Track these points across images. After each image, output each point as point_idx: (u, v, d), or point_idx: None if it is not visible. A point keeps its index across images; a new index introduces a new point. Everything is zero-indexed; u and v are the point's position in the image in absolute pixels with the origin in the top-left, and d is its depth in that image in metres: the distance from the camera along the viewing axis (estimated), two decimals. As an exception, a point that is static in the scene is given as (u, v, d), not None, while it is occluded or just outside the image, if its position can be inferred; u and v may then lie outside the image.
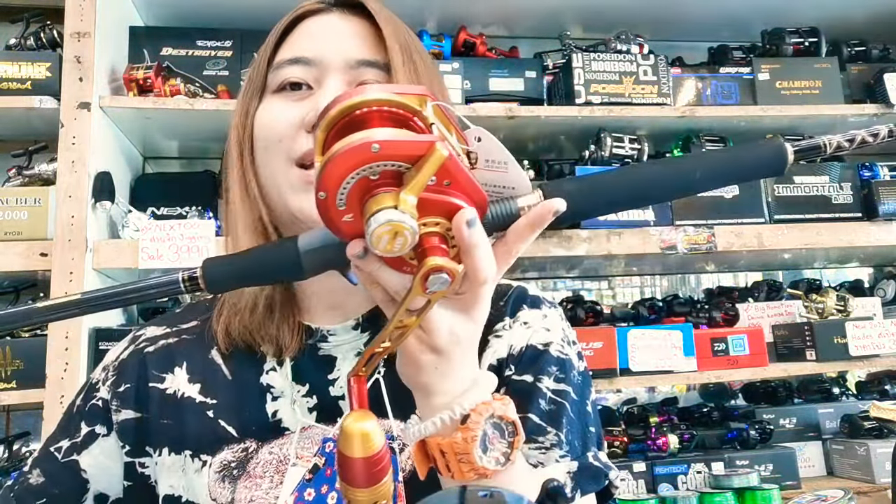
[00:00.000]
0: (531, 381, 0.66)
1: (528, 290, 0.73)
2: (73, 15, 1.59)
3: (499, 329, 0.69)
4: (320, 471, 0.63)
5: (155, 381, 0.70)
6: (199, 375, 0.69)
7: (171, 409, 0.68)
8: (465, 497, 0.43)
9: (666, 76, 1.84)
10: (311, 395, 0.67)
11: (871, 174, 1.94)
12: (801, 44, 2.00)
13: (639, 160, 1.82)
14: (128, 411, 0.69)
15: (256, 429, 0.66)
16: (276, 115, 0.64)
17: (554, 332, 0.70)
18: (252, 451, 0.65)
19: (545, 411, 0.64)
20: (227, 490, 0.64)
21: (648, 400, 2.20)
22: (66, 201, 1.52)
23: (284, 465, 0.64)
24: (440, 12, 2.00)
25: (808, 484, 1.78)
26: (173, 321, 0.75)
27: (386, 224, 0.40)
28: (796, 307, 2.01)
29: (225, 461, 0.65)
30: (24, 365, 1.52)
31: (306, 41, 0.66)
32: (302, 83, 0.65)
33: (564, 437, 0.64)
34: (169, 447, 0.67)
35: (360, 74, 0.64)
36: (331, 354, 0.68)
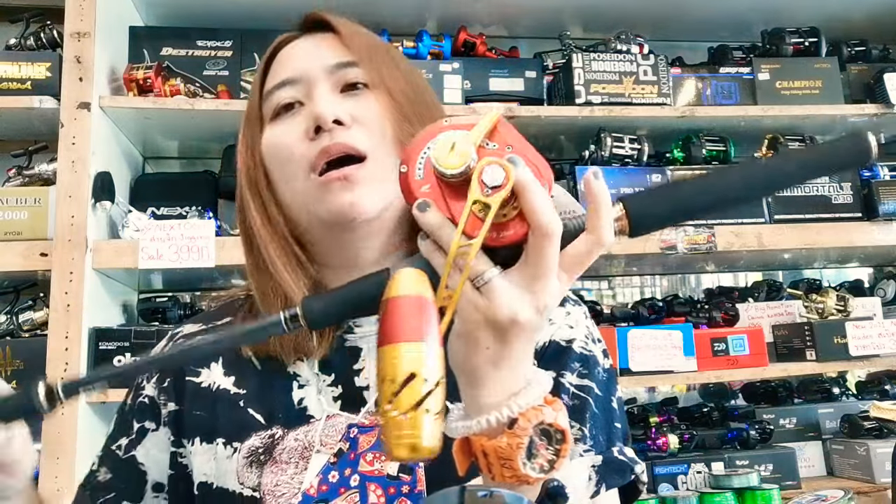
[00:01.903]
0: (554, 377, 0.64)
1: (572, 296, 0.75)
2: (73, 15, 1.59)
3: None
4: (344, 454, 0.65)
5: (191, 375, 0.73)
6: (233, 368, 0.72)
7: (205, 401, 0.71)
8: (464, 497, 0.43)
9: (666, 76, 1.84)
10: (336, 384, 0.69)
11: (871, 174, 1.94)
12: (801, 44, 2.00)
13: (639, 160, 1.82)
14: (171, 404, 0.73)
15: (283, 416, 0.68)
16: (282, 138, 0.68)
17: (578, 329, 0.71)
18: (278, 438, 0.67)
19: (568, 406, 0.65)
20: (254, 475, 0.66)
21: (648, 400, 2.20)
22: (66, 201, 1.52)
23: (309, 451, 0.66)
24: (440, 12, 2.00)
25: (808, 484, 1.78)
26: (209, 319, 0.78)
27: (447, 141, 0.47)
28: (796, 307, 2.01)
29: (252, 447, 0.67)
30: (24, 365, 1.52)
31: (286, 65, 0.71)
32: (294, 102, 0.69)
33: (588, 432, 0.65)
34: (201, 437, 0.70)
35: (343, 76, 0.69)
36: (356, 346, 0.70)
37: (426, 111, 0.70)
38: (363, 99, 0.68)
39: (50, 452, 1.43)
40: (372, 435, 0.66)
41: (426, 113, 0.70)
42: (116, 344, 1.54)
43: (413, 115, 0.68)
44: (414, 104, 0.69)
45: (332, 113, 0.65)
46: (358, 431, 0.66)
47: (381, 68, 0.69)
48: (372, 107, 0.67)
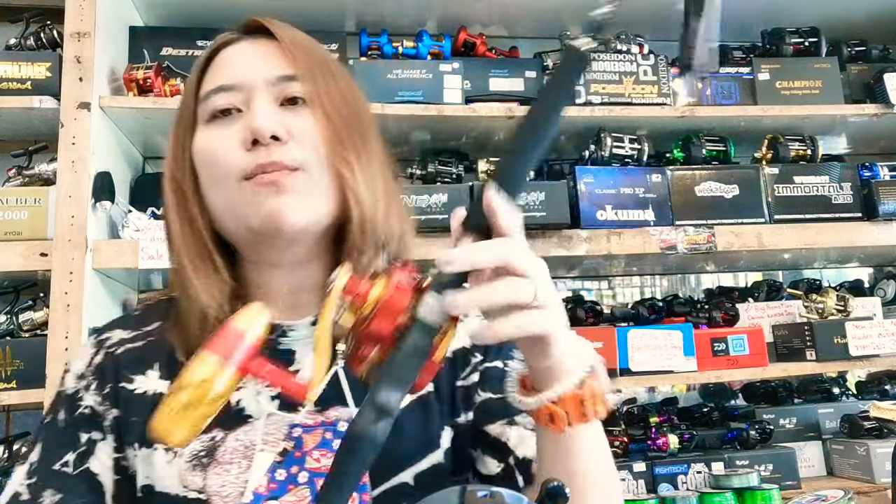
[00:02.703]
0: (502, 367, 0.74)
1: None
2: (73, 15, 1.59)
3: None
4: (290, 453, 0.67)
5: (125, 382, 0.73)
6: (169, 373, 0.72)
7: (142, 407, 0.71)
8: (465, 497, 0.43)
9: (666, 76, 1.85)
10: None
11: (871, 174, 1.94)
12: (801, 44, 2.00)
13: (639, 160, 1.82)
14: (114, 410, 0.72)
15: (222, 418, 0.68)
16: (216, 143, 0.68)
17: None
18: (219, 440, 0.68)
19: None
20: (198, 477, 0.67)
21: (648, 400, 2.20)
22: (66, 201, 1.52)
23: (251, 450, 0.68)
24: (440, 12, 2.00)
25: (808, 484, 1.78)
26: (136, 324, 0.77)
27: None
28: (796, 307, 2.01)
29: (194, 451, 0.68)
30: (24, 365, 1.52)
31: (226, 69, 0.71)
32: (231, 108, 0.69)
33: None
34: (139, 442, 0.70)
35: (283, 89, 0.69)
36: (290, 348, 0.73)
37: (360, 126, 0.72)
38: (300, 114, 0.69)
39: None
40: (316, 434, 0.68)
41: (360, 128, 0.71)
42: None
43: (347, 131, 0.70)
44: (348, 121, 0.70)
45: (270, 129, 0.65)
46: (302, 431, 0.68)
47: (320, 84, 0.69)
48: (308, 123, 0.68)
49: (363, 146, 0.71)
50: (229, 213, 0.69)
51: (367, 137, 0.72)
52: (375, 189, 0.70)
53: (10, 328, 1.63)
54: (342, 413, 0.69)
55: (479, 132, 1.88)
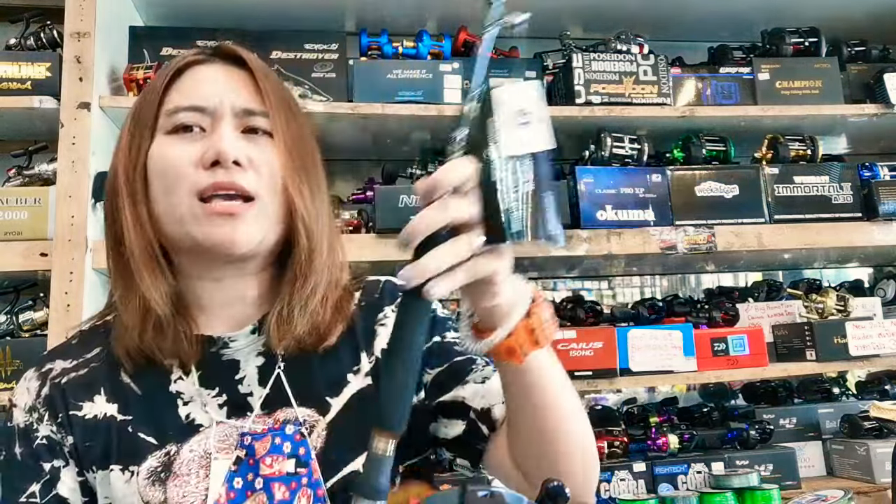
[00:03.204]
0: (440, 341, 0.80)
1: (392, 280, 0.85)
2: (73, 15, 1.59)
3: (382, 318, 0.81)
4: (243, 461, 0.71)
5: (74, 409, 0.75)
6: (115, 396, 0.75)
7: (93, 431, 0.74)
8: (465, 497, 0.43)
9: (666, 76, 1.84)
10: (220, 395, 0.75)
11: (871, 174, 1.93)
12: (801, 44, 2.00)
13: (639, 160, 1.82)
14: (69, 437, 0.75)
15: (173, 433, 0.73)
16: (176, 155, 0.72)
17: None
18: (174, 454, 0.72)
19: (461, 352, 0.79)
20: (158, 491, 0.70)
21: (648, 400, 2.20)
22: (66, 201, 1.52)
23: (207, 459, 0.71)
24: (440, 12, 2.00)
25: (808, 484, 1.78)
26: (78, 352, 0.79)
27: None
28: (796, 307, 2.01)
29: (151, 467, 0.71)
30: (24, 365, 1.52)
31: (196, 89, 0.75)
32: (194, 126, 0.73)
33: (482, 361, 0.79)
34: (96, 465, 0.73)
35: (247, 121, 0.74)
36: (234, 358, 0.76)
37: (313, 161, 0.78)
38: (260, 144, 0.73)
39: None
40: (266, 441, 0.72)
41: (312, 163, 0.78)
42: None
43: (302, 165, 0.75)
44: (303, 155, 0.76)
45: (233, 154, 0.70)
46: (252, 439, 0.72)
47: (281, 120, 0.74)
48: (267, 154, 0.73)
49: (314, 179, 0.77)
50: (177, 225, 0.72)
51: (317, 171, 0.78)
52: (322, 219, 0.76)
53: (10, 328, 1.63)
54: (289, 414, 0.74)
55: (479, 132, 1.88)
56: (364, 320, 0.80)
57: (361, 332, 0.80)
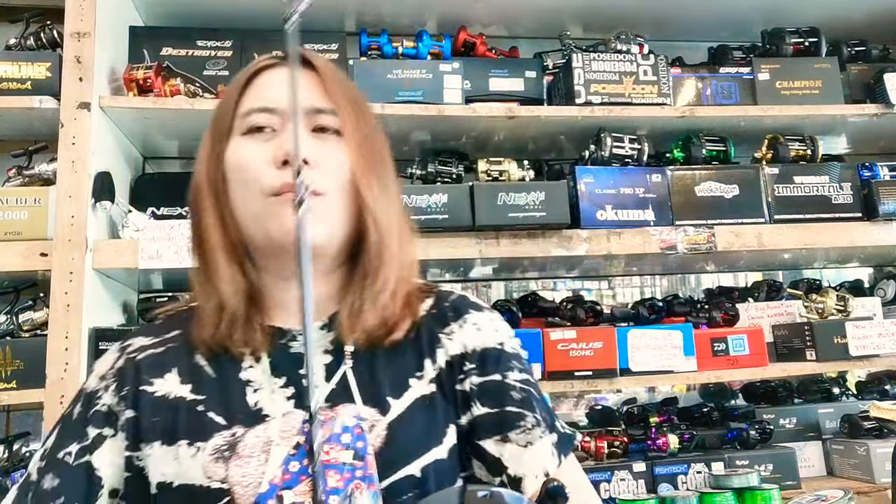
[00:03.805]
0: (500, 379, 0.79)
1: (469, 297, 0.86)
2: (73, 15, 1.59)
3: (448, 331, 0.81)
4: (302, 447, 0.73)
5: (145, 385, 0.79)
6: (189, 377, 0.78)
7: (161, 408, 0.77)
8: (465, 497, 0.43)
9: (666, 76, 1.84)
10: (287, 385, 0.77)
11: (871, 174, 1.94)
12: (801, 44, 2.00)
13: (639, 160, 1.82)
14: (129, 411, 0.78)
15: (242, 417, 0.75)
16: (249, 155, 0.76)
17: (502, 333, 0.83)
18: (239, 436, 0.74)
19: (518, 400, 0.78)
20: (220, 469, 0.72)
21: (648, 400, 2.20)
22: (66, 201, 1.52)
23: (269, 445, 0.73)
24: (440, 12, 2.00)
25: (808, 484, 1.78)
26: (158, 332, 0.84)
27: None
28: (796, 307, 2.01)
29: (217, 445, 0.73)
30: (24, 365, 1.52)
31: (268, 91, 0.78)
32: (267, 127, 0.77)
33: (539, 416, 0.77)
34: (161, 440, 0.75)
35: (316, 120, 0.77)
36: (301, 352, 0.78)
37: (381, 158, 0.80)
38: (329, 143, 0.76)
39: (50, 452, 1.43)
40: (325, 428, 0.73)
41: (381, 160, 0.80)
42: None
43: (370, 162, 0.77)
44: (371, 153, 0.78)
45: (303, 153, 0.71)
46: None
47: (350, 119, 0.77)
48: (335, 152, 0.76)
49: (383, 176, 0.79)
50: (253, 222, 0.75)
51: (386, 168, 0.81)
52: (391, 216, 0.78)
53: (10, 328, 1.63)
54: (350, 410, 0.75)
55: (479, 132, 1.88)
56: (431, 328, 0.81)
57: (427, 339, 0.80)
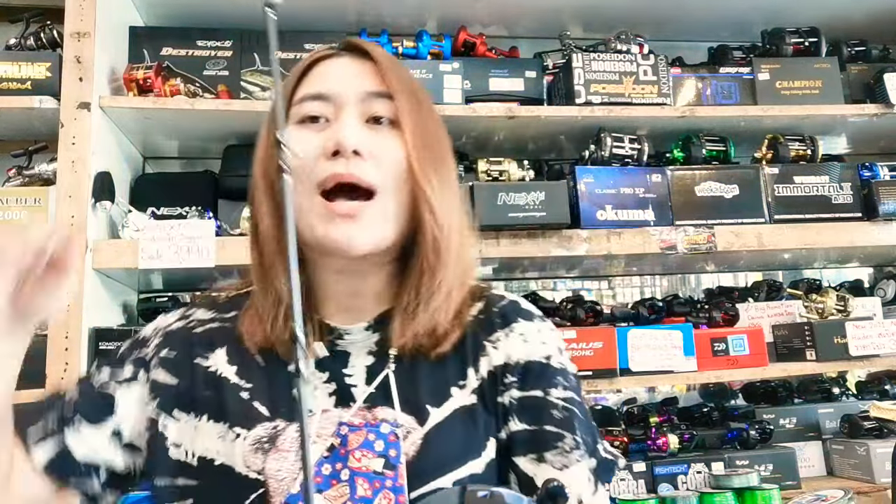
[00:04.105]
0: (542, 396, 0.75)
1: (520, 304, 0.82)
2: (73, 15, 1.59)
3: (495, 339, 0.78)
4: (336, 450, 0.72)
5: (200, 358, 0.78)
6: (237, 360, 0.78)
7: (212, 384, 0.76)
8: (465, 497, 0.43)
9: (666, 76, 1.84)
10: (330, 381, 0.76)
11: (871, 174, 1.93)
12: (801, 44, 2.00)
13: (639, 160, 1.82)
14: (165, 375, 0.78)
15: (285, 410, 0.74)
16: (301, 145, 0.72)
17: (550, 345, 0.79)
18: (281, 430, 0.73)
19: (559, 419, 0.74)
20: (259, 460, 0.71)
21: (648, 400, 2.20)
22: (66, 201, 1.52)
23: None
24: (440, 12, 2.00)
25: (808, 484, 1.78)
26: (220, 309, 0.83)
27: None
28: (796, 307, 2.01)
29: (258, 436, 0.72)
30: (24, 365, 1.52)
31: (323, 80, 0.75)
32: (321, 117, 0.74)
33: (580, 438, 0.73)
34: (209, 415, 0.75)
35: (371, 107, 0.74)
36: (346, 350, 0.77)
37: (440, 151, 0.77)
38: (384, 134, 0.73)
39: (50, 452, 1.43)
40: (360, 434, 0.72)
41: (440, 153, 0.76)
42: (116, 344, 1.53)
43: (429, 154, 0.74)
44: (430, 145, 0.75)
45: (353, 143, 0.70)
46: (348, 430, 0.72)
47: (407, 108, 0.73)
48: (389, 144, 0.72)
49: (442, 170, 0.75)
50: (302, 216, 0.72)
51: (446, 161, 0.77)
52: (451, 211, 0.74)
53: (10, 328, 1.63)
54: (388, 414, 0.73)
55: (479, 132, 1.88)
56: (476, 335, 0.78)
57: (471, 346, 0.77)
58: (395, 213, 0.72)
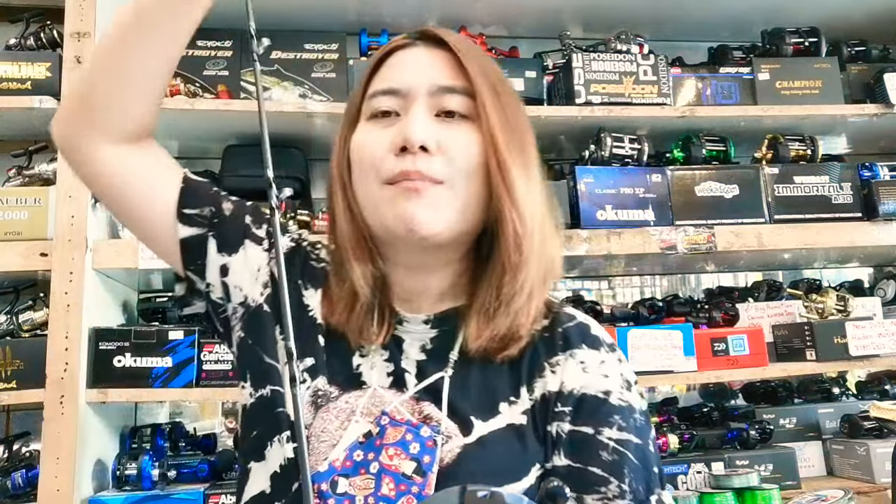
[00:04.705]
0: (591, 433, 0.69)
1: (589, 328, 0.76)
2: (73, 15, 1.59)
3: (555, 362, 0.73)
4: (372, 439, 0.70)
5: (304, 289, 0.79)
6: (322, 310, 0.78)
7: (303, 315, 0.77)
8: (465, 497, 0.43)
9: (666, 76, 1.84)
10: (389, 361, 0.74)
11: (871, 174, 1.94)
12: (801, 44, 2.00)
13: (639, 160, 1.82)
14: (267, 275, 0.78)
15: (342, 379, 0.74)
16: (369, 141, 0.71)
17: (613, 379, 0.72)
18: (333, 396, 0.73)
19: (607, 462, 0.67)
20: (309, 414, 0.72)
21: (648, 400, 2.20)
22: (66, 201, 1.52)
23: (351, 418, 0.71)
24: (440, 12, 2.00)
25: (808, 484, 1.78)
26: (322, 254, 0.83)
27: None
28: (796, 307, 2.01)
29: (318, 388, 0.73)
30: (24, 365, 1.52)
31: (395, 73, 0.73)
32: (391, 111, 0.71)
33: (628, 486, 0.67)
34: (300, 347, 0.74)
35: (442, 101, 0.70)
36: (401, 336, 0.76)
37: (520, 143, 0.72)
38: (455, 129, 0.70)
39: (50, 452, 1.43)
40: (398, 431, 0.69)
41: (520, 145, 0.71)
42: (116, 344, 1.54)
43: (506, 147, 0.69)
44: (508, 137, 0.70)
45: (420, 138, 0.67)
46: (389, 422, 0.70)
47: (482, 99, 0.70)
48: (461, 138, 0.69)
49: (523, 162, 0.71)
50: (371, 210, 0.71)
51: (527, 154, 0.72)
52: (534, 207, 0.70)
53: (10, 328, 1.63)
54: (432, 413, 0.71)
55: (479, 132, 1.88)
56: (536, 352, 0.73)
57: (529, 365, 0.73)
58: (467, 202, 0.69)
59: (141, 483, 1.53)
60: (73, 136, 0.75)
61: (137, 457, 1.55)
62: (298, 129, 1.78)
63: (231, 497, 1.49)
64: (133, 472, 1.53)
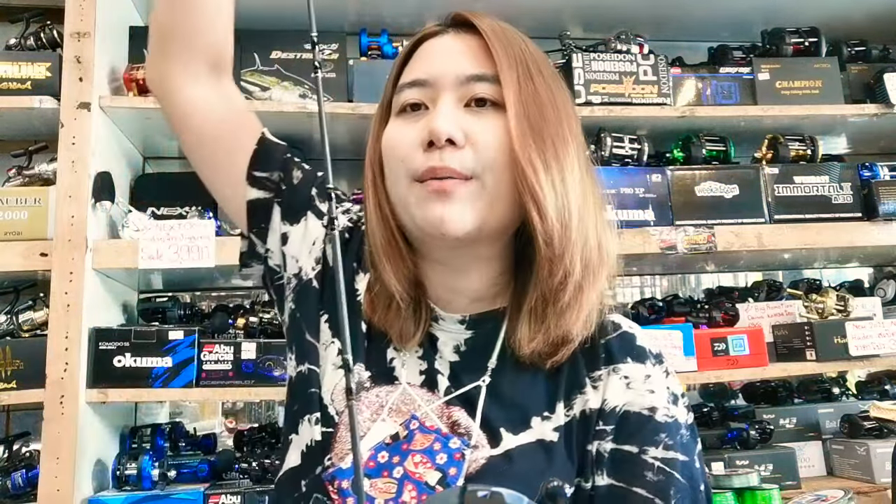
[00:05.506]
0: (636, 453, 0.66)
1: (635, 339, 0.73)
2: (73, 15, 1.59)
3: (596, 377, 0.70)
4: (399, 442, 0.68)
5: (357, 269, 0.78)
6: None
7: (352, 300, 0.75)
8: (465, 497, 0.43)
9: (666, 76, 1.85)
10: (422, 359, 0.72)
11: (871, 174, 1.94)
12: (801, 44, 2.00)
13: (639, 160, 1.82)
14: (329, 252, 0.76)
15: (375, 371, 0.72)
16: (397, 137, 0.69)
17: (659, 395, 0.69)
18: (367, 386, 0.71)
19: (652, 483, 0.64)
20: (342, 402, 0.70)
21: (648, 400, 2.20)
22: (66, 201, 1.52)
23: (379, 413, 0.70)
24: (440, 12, 1.96)
25: (808, 484, 1.78)
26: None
27: None
28: (796, 307, 2.00)
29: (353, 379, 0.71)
30: (24, 365, 1.52)
31: (422, 63, 0.70)
32: (420, 104, 0.68)
33: None
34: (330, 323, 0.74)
35: (471, 89, 0.67)
36: (436, 334, 0.73)
37: (557, 131, 0.67)
38: (484, 118, 0.66)
39: (50, 452, 1.43)
40: (427, 438, 0.67)
41: (556, 133, 0.67)
42: (116, 344, 1.54)
43: (539, 136, 0.65)
44: (539, 121, 0.66)
45: (446, 131, 0.64)
46: (418, 427, 0.68)
47: (514, 85, 0.66)
48: (490, 128, 0.65)
49: (558, 152, 0.66)
50: (401, 207, 0.69)
51: (561, 140, 0.67)
52: (568, 199, 0.65)
53: (10, 328, 1.63)
54: (462, 419, 0.68)
55: (479, 132, 1.88)
56: (578, 367, 0.70)
57: (568, 379, 0.70)
58: (497, 195, 0.65)
59: (141, 483, 1.53)
60: (161, 79, 0.77)
61: (137, 457, 1.55)
62: (298, 129, 1.78)
63: (231, 497, 1.50)
64: (133, 472, 1.53)
